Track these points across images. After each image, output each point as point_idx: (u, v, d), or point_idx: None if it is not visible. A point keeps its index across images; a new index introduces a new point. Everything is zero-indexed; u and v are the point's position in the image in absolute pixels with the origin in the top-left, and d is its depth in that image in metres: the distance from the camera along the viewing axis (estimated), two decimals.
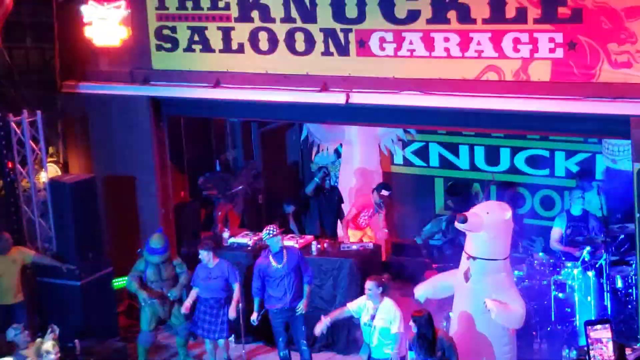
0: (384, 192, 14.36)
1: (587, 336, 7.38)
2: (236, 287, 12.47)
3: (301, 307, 12.13)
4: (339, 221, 14.87)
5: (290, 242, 13.17)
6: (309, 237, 13.85)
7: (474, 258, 11.12)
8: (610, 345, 7.62)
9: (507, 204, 11.58)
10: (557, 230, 13.24)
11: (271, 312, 12.32)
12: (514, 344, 11.35)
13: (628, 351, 9.13)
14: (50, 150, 15.00)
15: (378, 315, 10.96)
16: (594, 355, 7.57)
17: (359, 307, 11.14)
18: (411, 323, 10.36)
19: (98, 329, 13.33)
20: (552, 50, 11.43)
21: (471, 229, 11.06)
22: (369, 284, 11.00)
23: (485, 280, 11.08)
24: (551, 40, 11.38)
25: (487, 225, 10.98)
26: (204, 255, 12.51)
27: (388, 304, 11.00)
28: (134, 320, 13.68)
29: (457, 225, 11.09)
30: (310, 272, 12.23)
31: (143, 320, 12.86)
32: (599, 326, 7.64)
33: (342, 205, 15.02)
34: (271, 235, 12.09)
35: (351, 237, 14.35)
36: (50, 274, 13.54)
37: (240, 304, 12.42)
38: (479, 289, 11.08)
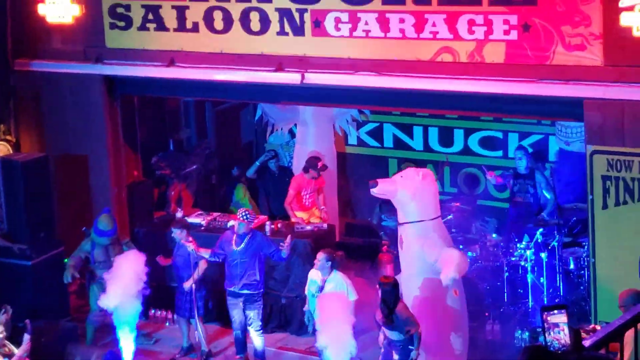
0: (312, 172, 14.22)
1: (543, 321, 7.41)
2: (200, 264, 12.41)
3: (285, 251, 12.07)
4: None
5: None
6: (263, 217, 13.81)
7: (401, 224, 11.33)
8: (567, 330, 7.65)
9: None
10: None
11: (226, 291, 12.29)
12: (463, 299, 11.45)
13: (584, 336, 9.20)
14: (2, 128, 14.81)
15: (327, 286, 11.05)
16: (551, 341, 7.59)
17: (310, 280, 11.22)
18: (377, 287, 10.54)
19: (49, 309, 13.20)
20: (506, 32, 11.46)
21: (384, 194, 11.31)
22: (319, 255, 11.18)
23: (417, 242, 11.22)
24: (506, 22, 11.41)
25: (402, 189, 11.18)
26: (177, 233, 12.41)
27: (337, 276, 11.22)
28: (85, 301, 13.58)
29: (371, 191, 11.30)
30: (277, 248, 12.09)
31: (92, 300, 12.76)
32: (555, 311, 7.66)
33: None
34: (243, 219, 12.05)
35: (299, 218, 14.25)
36: (1, 253, 13.40)
37: (193, 284, 12.35)
38: (412, 253, 11.26)
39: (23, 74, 14.52)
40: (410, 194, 11.22)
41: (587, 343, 7.57)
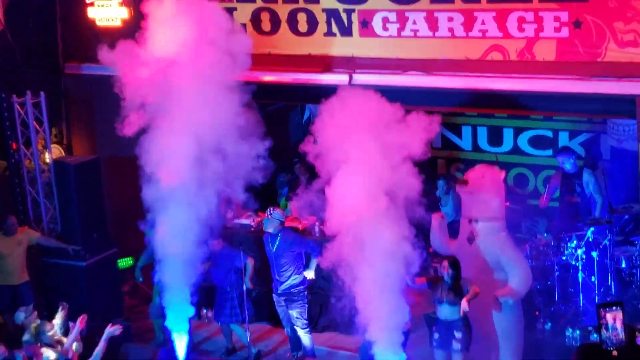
0: None
1: (599, 318, 7.39)
2: (249, 263, 12.44)
3: (310, 273, 12.14)
4: None
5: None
6: (312, 218, 13.83)
7: (476, 220, 11.32)
8: (622, 328, 7.63)
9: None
10: (552, 189, 13.41)
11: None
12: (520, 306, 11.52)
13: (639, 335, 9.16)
14: (54, 131, 15.01)
15: None
16: (606, 338, 7.58)
17: None
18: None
19: (103, 309, 13.35)
20: (557, 30, 11.41)
21: (472, 193, 11.35)
22: None
23: (490, 239, 11.30)
24: (556, 19, 11.36)
25: (485, 187, 11.26)
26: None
27: None
28: (139, 301, 13.71)
29: (459, 189, 11.47)
30: (311, 244, 12.13)
31: (155, 292, 12.87)
32: (613, 308, 7.65)
33: None
34: (267, 215, 12.13)
35: None
36: (56, 254, 13.59)
37: (244, 287, 12.41)
38: (485, 248, 11.31)
39: (74, 77, 14.68)
40: (491, 196, 11.34)
41: None
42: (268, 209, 12.25)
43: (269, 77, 13.30)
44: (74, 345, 10.86)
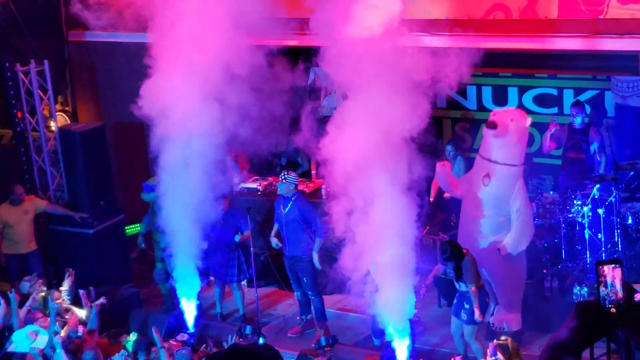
0: None
1: (597, 275, 7.42)
2: (247, 233, 12.54)
3: (314, 258, 12.17)
4: None
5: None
6: (318, 180, 13.83)
7: (496, 162, 11.34)
8: (621, 285, 7.66)
9: None
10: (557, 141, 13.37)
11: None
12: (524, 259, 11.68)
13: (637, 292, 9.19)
14: (59, 99, 15.03)
15: None
16: (604, 295, 7.62)
17: None
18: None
19: (112, 276, 13.45)
20: None
21: (498, 135, 11.31)
22: None
23: (505, 184, 11.37)
24: None
25: (512, 131, 11.27)
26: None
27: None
28: (147, 266, 13.79)
29: (486, 131, 11.35)
30: (319, 222, 12.03)
31: (156, 258, 12.98)
32: (609, 266, 7.67)
33: None
34: (280, 179, 12.15)
35: None
36: (63, 222, 13.65)
37: (251, 249, 12.47)
38: (497, 192, 11.36)
39: (78, 44, 14.67)
40: (515, 140, 11.38)
41: (638, 297, 7.57)
42: (282, 172, 12.26)
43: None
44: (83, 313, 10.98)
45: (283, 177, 12.12)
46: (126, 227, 14.18)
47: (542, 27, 11.59)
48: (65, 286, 11.41)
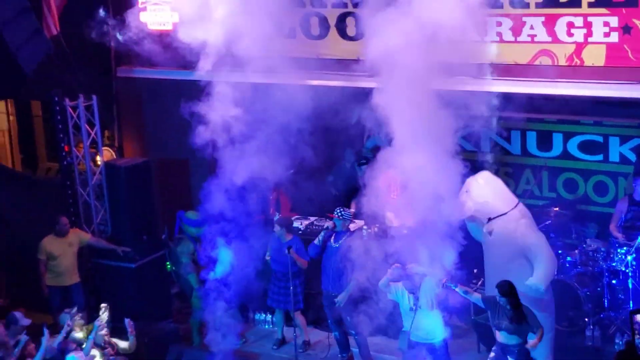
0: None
1: (631, 323, 7.36)
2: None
3: (340, 298, 12.15)
4: None
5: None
6: (359, 221, 13.81)
7: (489, 219, 11.53)
8: None
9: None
10: (617, 215, 13.11)
11: (322, 291, 12.46)
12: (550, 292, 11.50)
13: None
14: (106, 134, 15.18)
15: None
16: (639, 343, 7.56)
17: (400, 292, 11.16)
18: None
19: (152, 311, 13.50)
20: (606, 35, 11.34)
21: (470, 216, 11.52)
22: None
23: (508, 229, 11.40)
24: (606, 24, 11.28)
25: (473, 201, 11.45)
26: (277, 229, 12.85)
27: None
28: (187, 303, 13.82)
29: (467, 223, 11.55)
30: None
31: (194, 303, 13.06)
32: None
33: None
34: (341, 216, 12.22)
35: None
36: (106, 256, 13.75)
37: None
38: (505, 236, 11.40)
39: (126, 80, 14.83)
40: (485, 200, 11.45)
41: None
42: (337, 210, 12.36)
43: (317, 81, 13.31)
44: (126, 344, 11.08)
45: (339, 214, 12.20)
46: (167, 263, 14.25)
47: (588, 73, 11.55)
48: (103, 319, 11.47)
